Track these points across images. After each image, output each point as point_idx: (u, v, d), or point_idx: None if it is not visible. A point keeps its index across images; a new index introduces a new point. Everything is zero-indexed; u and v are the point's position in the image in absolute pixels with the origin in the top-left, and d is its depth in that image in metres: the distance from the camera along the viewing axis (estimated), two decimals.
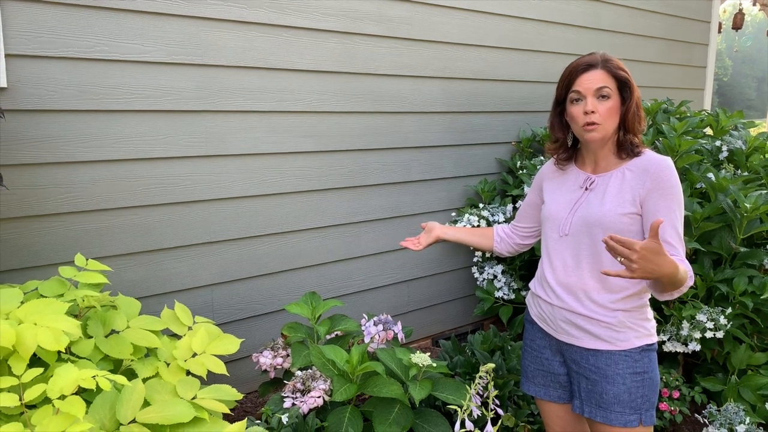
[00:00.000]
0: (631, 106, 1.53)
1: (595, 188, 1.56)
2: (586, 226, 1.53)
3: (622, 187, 1.51)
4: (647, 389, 1.52)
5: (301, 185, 2.58)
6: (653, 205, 1.47)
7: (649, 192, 1.47)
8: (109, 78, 2.06)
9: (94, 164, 2.08)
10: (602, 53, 1.57)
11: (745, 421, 2.23)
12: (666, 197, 1.46)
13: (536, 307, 1.71)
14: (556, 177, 1.69)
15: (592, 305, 1.53)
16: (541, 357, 1.71)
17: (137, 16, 2.08)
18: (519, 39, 3.31)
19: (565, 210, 1.60)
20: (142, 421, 1.27)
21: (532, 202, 1.80)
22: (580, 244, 1.55)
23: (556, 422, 1.75)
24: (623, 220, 1.49)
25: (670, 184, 1.47)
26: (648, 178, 1.48)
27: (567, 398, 1.69)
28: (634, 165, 1.52)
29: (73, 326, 1.34)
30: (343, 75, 2.63)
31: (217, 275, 2.41)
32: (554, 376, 1.69)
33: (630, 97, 1.53)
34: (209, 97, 2.28)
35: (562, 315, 1.59)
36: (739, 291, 2.34)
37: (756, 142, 2.93)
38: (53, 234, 2.04)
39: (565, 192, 1.63)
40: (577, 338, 1.57)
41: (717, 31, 4.88)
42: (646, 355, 1.52)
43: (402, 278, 3.03)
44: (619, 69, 1.53)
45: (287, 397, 1.77)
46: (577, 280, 1.56)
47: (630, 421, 1.50)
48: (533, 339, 1.73)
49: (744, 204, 2.31)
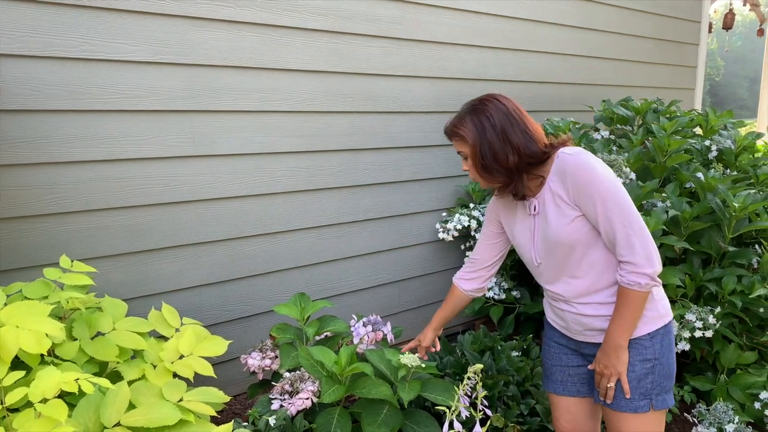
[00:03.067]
0: (476, 153, 1.52)
1: (539, 212, 1.57)
2: (550, 248, 1.55)
3: (555, 200, 1.51)
4: (657, 375, 1.52)
5: (291, 185, 2.57)
6: (585, 207, 1.46)
7: (576, 196, 1.46)
8: (95, 78, 2.04)
9: (81, 165, 2.06)
10: (455, 118, 1.58)
11: (734, 420, 2.24)
12: (593, 195, 1.43)
13: (551, 312, 1.73)
14: (506, 209, 1.70)
15: (594, 305, 1.56)
16: (559, 353, 1.73)
17: (124, 15, 2.07)
18: (510, 39, 3.30)
19: (529, 240, 1.62)
20: (127, 424, 1.25)
21: (491, 233, 1.79)
22: (554, 264, 1.58)
23: (566, 417, 1.75)
24: (574, 227, 1.49)
25: (588, 179, 1.43)
26: (567, 181, 1.47)
27: (585, 392, 1.71)
28: (554, 172, 1.52)
29: (56, 328, 1.32)
30: (333, 74, 2.62)
31: (205, 276, 2.39)
32: (574, 369, 1.71)
33: (487, 141, 1.50)
34: (197, 96, 2.26)
35: (573, 318, 1.61)
36: (728, 290, 2.34)
37: (745, 141, 2.94)
38: (39, 235, 2.02)
39: (520, 222, 1.65)
40: (592, 336, 1.60)
41: (707, 31, 4.90)
42: (657, 341, 1.52)
43: (393, 278, 3.02)
44: (458, 134, 1.55)
45: (275, 399, 1.75)
46: (569, 291, 1.58)
47: (640, 406, 1.51)
48: (551, 338, 1.76)
49: (733, 203, 2.32)
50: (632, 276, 1.43)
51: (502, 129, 1.50)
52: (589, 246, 1.50)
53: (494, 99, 1.54)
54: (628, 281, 1.44)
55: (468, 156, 1.56)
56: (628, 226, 1.41)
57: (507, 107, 1.52)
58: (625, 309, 1.46)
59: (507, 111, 1.51)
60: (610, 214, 1.42)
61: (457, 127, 1.55)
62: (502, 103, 1.53)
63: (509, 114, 1.51)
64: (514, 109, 1.52)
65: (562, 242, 1.51)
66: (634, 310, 1.46)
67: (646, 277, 1.42)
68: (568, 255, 1.53)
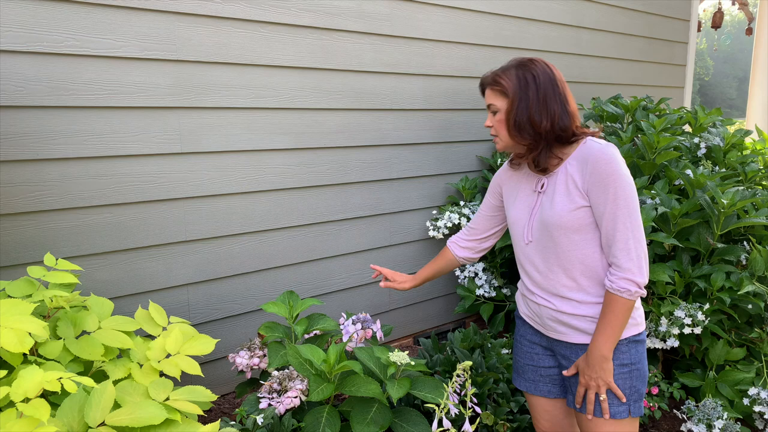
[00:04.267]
0: (512, 108, 1.50)
1: (546, 190, 1.55)
2: (546, 230, 1.53)
3: (567, 183, 1.49)
4: (635, 380, 1.51)
5: (280, 183, 2.55)
6: (597, 199, 1.44)
7: (590, 185, 1.44)
8: (80, 73, 2.02)
9: (65, 162, 2.04)
10: (498, 69, 1.56)
11: (723, 417, 2.24)
12: (608, 189, 1.41)
13: (525, 306, 1.71)
14: (512, 181, 1.69)
15: (573, 302, 1.53)
16: (531, 352, 1.71)
17: (110, 11, 2.04)
18: (501, 36, 3.30)
19: (525, 217, 1.60)
20: (111, 423, 1.24)
21: (491, 205, 1.79)
22: (545, 248, 1.55)
23: (544, 416, 1.74)
24: (576, 216, 1.47)
25: (609, 173, 1.41)
26: (587, 169, 1.45)
27: (557, 393, 1.69)
28: (574, 156, 1.49)
29: (39, 327, 1.30)
30: (322, 71, 2.61)
31: (193, 275, 2.37)
32: (545, 370, 1.69)
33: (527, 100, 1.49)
34: (184, 93, 2.24)
35: (548, 314, 1.59)
36: (716, 287, 2.35)
37: (733, 138, 2.95)
38: (23, 233, 1.99)
39: (521, 197, 1.63)
40: (565, 334, 1.57)
41: (696, 30, 4.92)
42: (633, 347, 1.51)
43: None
44: (498, 84, 1.53)
45: (263, 398, 1.74)
46: (554, 282, 1.56)
47: (619, 412, 1.50)
48: (523, 335, 1.74)
49: (721, 200, 2.32)
50: (622, 282, 1.42)
51: (545, 92, 1.48)
52: (583, 239, 1.49)
53: (544, 62, 1.52)
54: (618, 287, 1.42)
55: (500, 110, 1.52)
56: (630, 231, 1.41)
57: (554, 74, 1.51)
58: (612, 317, 1.45)
59: (553, 77, 1.50)
60: (618, 213, 1.41)
61: (500, 77, 1.52)
62: (549, 68, 1.52)
63: (554, 81, 1.50)
64: (559, 79, 1.51)
65: (561, 227, 1.48)
66: (620, 319, 1.45)
67: (634, 285, 1.41)
68: (560, 242, 1.50)
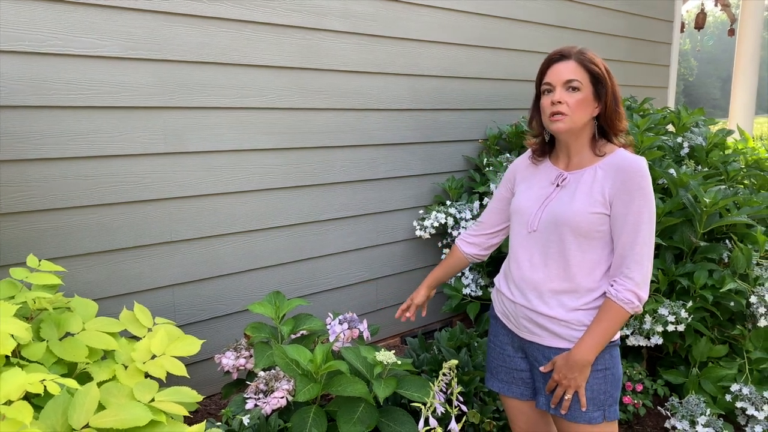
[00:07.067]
0: (608, 101, 1.50)
1: (567, 185, 1.53)
2: (555, 223, 1.50)
3: (593, 185, 1.48)
4: (609, 385, 1.52)
5: (265, 183, 2.55)
6: (619, 208, 1.44)
7: (618, 194, 1.44)
8: (63, 73, 2.00)
9: (48, 162, 2.02)
10: (581, 47, 1.53)
11: (706, 413, 2.27)
12: (634, 202, 1.42)
13: (500, 304, 1.70)
14: (529, 171, 1.67)
15: (555, 305, 1.52)
16: (503, 353, 1.70)
17: (92, 10, 2.03)
18: (486, 36, 3.32)
19: (535, 205, 1.57)
20: (96, 425, 1.22)
21: (502, 197, 1.77)
22: (548, 241, 1.53)
23: (520, 418, 1.75)
24: (592, 219, 1.46)
25: (639, 186, 1.42)
26: (618, 177, 1.45)
27: (530, 395, 1.69)
28: (606, 163, 1.49)
29: (21, 329, 1.29)
30: (308, 71, 2.60)
31: (178, 275, 2.36)
32: (517, 372, 1.68)
33: (605, 93, 1.49)
34: (168, 93, 2.23)
35: (524, 313, 1.58)
36: (699, 285, 2.38)
37: (716, 138, 2.99)
38: (5, 234, 1.97)
39: (536, 187, 1.61)
40: (539, 336, 1.57)
41: (680, 31, 4.97)
42: (607, 352, 1.51)
43: (370, 276, 3.01)
44: (593, 63, 1.49)
45: (250, 398, 1.73)
46: (544, 278, 1.54)
47: (594, 417, 1.51)
48: (497, 335, 1.73)
49: (704, 199, 2.35)
50: (628, 294, 1.42)
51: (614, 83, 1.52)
52: (588, 244, 1.48)
53: None
54: (622, 297, 1.43)
55: (583, 90, 1.48)
56: (647, 247, 1.43)
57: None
58: (607, 325, 1.45)
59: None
60: (641, 226, 1.42)
61: (594, 60, 1.50)
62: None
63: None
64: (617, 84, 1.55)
65: (572, 225, 1.47)
66: (614, 328, 1.45)
67: (637, 299, 1.43)
68: (566, 240, 1.49)
